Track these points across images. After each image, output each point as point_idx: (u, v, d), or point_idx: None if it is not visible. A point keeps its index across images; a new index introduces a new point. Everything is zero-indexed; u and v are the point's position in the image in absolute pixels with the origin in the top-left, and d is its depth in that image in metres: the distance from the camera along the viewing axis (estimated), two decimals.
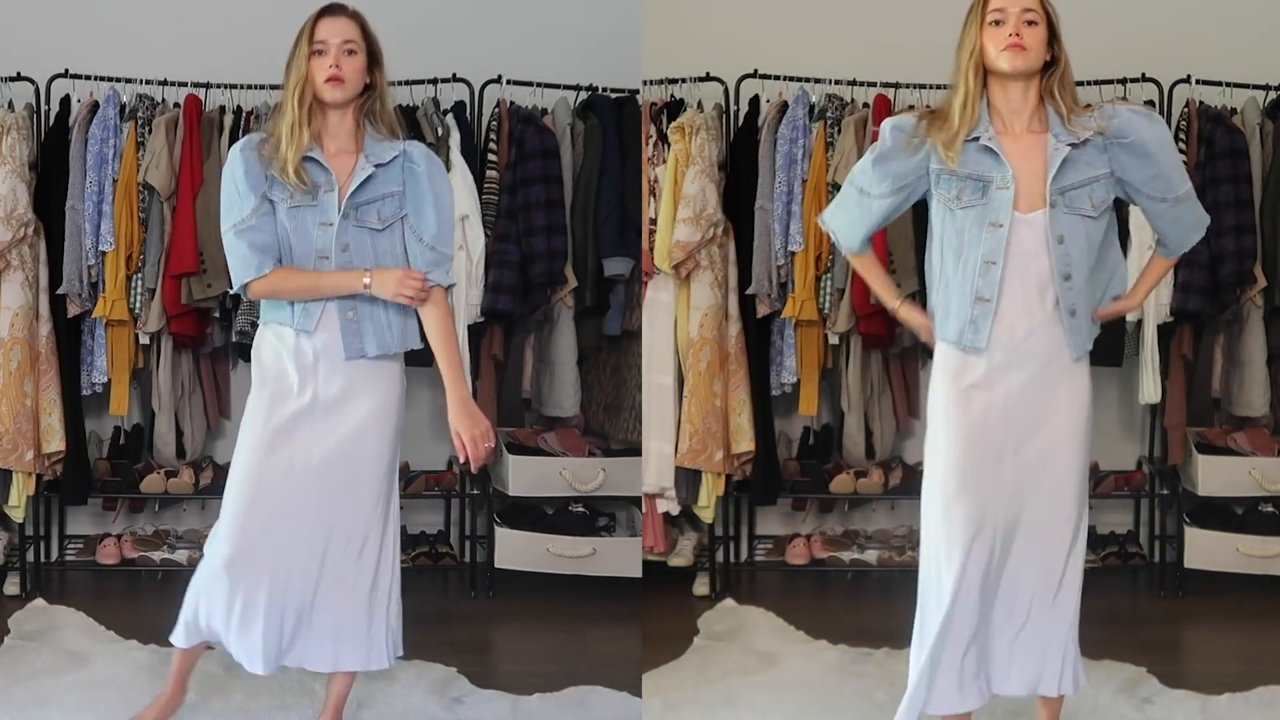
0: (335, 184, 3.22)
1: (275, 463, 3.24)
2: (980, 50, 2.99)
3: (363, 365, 3.26)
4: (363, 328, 3.25)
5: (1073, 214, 3.01)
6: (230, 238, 3.21)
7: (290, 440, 3.25)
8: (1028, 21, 2.97)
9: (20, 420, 4.61)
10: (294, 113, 3.18)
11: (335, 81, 3.18)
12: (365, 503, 3.30)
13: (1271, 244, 4.75)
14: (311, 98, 3.19)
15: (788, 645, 4.26)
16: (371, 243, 3.24)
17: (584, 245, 4.88)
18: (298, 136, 3.18)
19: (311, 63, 3.18)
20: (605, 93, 5.00)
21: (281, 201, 3.20)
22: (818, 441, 5.21)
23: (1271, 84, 4.88)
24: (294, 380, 3.24)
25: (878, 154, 3.11)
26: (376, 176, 3.24)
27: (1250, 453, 4.82)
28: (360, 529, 3.31)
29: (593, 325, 5.01)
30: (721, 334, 4.78)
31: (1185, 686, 3.87)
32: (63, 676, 3.91)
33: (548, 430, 5.03)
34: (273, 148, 3.21)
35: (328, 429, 3.26)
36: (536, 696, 3.85)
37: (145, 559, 4.92)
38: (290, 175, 3.18)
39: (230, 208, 3.22)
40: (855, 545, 5.09)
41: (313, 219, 3.22)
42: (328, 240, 3.21)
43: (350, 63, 3.20)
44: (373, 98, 3.26)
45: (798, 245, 4.74)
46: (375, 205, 3.24)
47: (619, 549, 4.87)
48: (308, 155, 3.20)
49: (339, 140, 3.25)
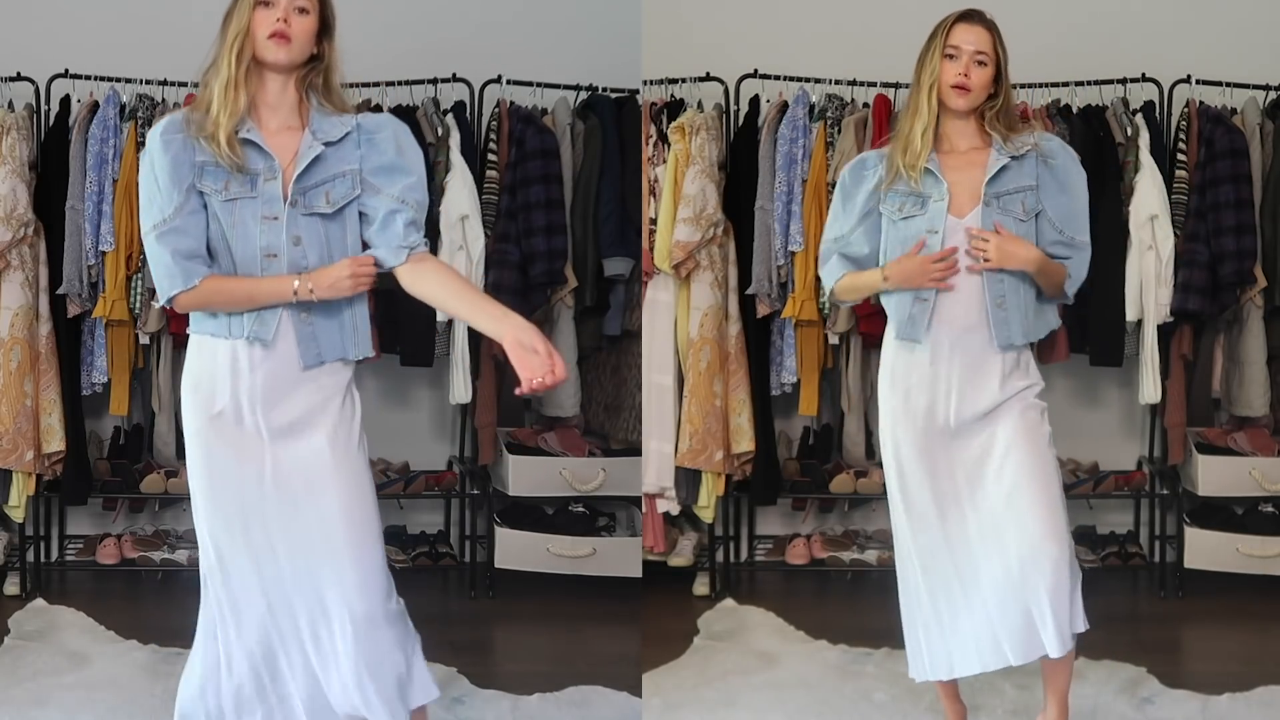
0: (278, 170, 2.79)
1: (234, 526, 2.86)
2: (940, 79, 3.19)
3: (315, 379, 2.86)
4: (318, 330, 2.85)
5: (1004, 215, 3.19)
6: (151, 242, 2.77)
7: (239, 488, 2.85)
8: (978, 61, 3.17)
9: (20, 420, 4.61)
10: (229, 70, 2.76)
11: (280, 39, 2.77)
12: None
13: (1271, 244, 4.75)
14: (251, 56, 2.78)
15: (788, 645, 4.26)
16: (323, 231, 2.82)
17: (584, 245, 4.88)
18: (232, 98, 2.75)
19: (255, 14, 2.77)
20: (605, 93, 5.00)
21: (215, 194, 2.77)
22: (818, 441, 5.21)
23: (1271, 84, 4.87)
24: (232, 405, 2.83)
25: (842, 196, 3.32)
26: (326, 157, 2.83)
27: (1250, 453, 4.82)
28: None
29: (593, 325, 5.01)
30: (721, 334, 4.78)
31: (1185, 686, 3.87)
32: (63, 676, 3.92)
33: (548, 430, 5.03)
34: (200, 117, 2.77)
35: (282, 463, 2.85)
36: (536, 696, 3.85)
37: (145, 559, 4.92)
38: (222, 145, 2.74)
39: (150, 204, 2.78)
40: (855, 545, 5.08)
41: (253, 213, 2.78)
42: (275, 236, 2.79)
43: (300, 23, 2.79)
44: (318, 69, 2.86)
45: (798, 245, 4.74)
46: (324, 187, 2.82)
47: (619, 549, 4.87)
48: (244, 136, 2.78)
49: (280, 114, 2.84)
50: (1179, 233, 4.71)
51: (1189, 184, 4.74)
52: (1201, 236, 4.70)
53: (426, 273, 2.86)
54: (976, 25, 3.19)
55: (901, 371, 3.27)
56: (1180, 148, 4.77)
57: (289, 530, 2.84)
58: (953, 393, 3.20)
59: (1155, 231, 4.67)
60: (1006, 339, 3.20)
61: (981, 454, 3.21)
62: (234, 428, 2.83)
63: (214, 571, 2.90)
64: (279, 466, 2.84)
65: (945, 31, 3.20)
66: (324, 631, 2.86)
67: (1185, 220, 4.73)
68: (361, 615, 2.82)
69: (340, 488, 2.84)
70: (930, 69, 3.19)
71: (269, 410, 2.82)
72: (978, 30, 3.18)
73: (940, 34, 3.20)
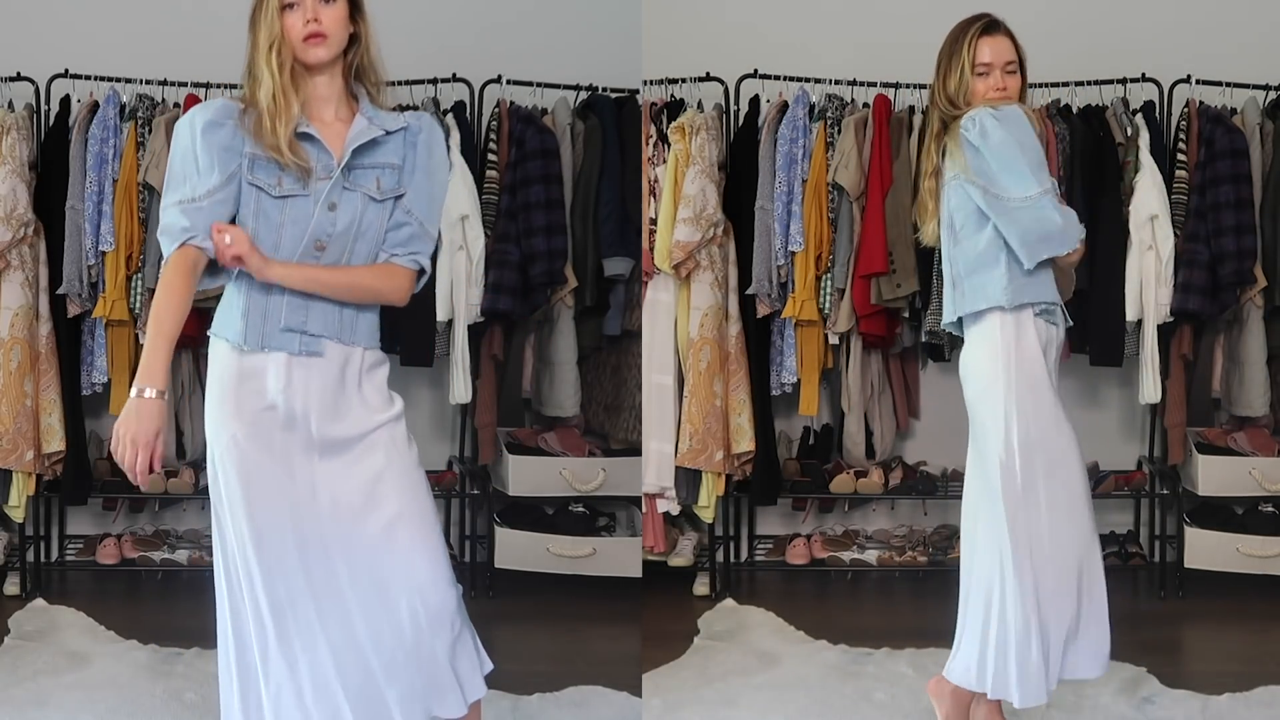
0: (334, 168, 2.71)
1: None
2: (972, 94, 3.25)
3: (360, 391, 2.78)
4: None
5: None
6: (172, 212, 2.67)
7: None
8: (1009, 71, 3.25)
9: (20, 420, 4.61)
10: (274, 79, 2.64)
11: (316, 39, 2.66)
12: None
13: (1271, 244, 4.75)
14: (291, 59, 2.66)
15: (788, 645, 4.26)
16: (360, 208, 2.73)
17: (584, 245, 4.88)
18: (284, 106, 2.64)
19: (284, 19, 2.66)
20: (605, 93, 5.00)
21: (269, 188, 2.68)
22: (818, 441, 5.21)
23: (1271, 84, 4.87)
24: (285, 404, 2.74)
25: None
26: (381, 143, 2.76)
27: (1250, 453, 4.82)
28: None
29: (593, 325, 5.01)
30: (721, 334, 4.78)
31: (1185, 686, 3.86)
32: (63, 676, 3.91)
33: (548, 430, 5.03)
34: (253, 123, 2.67)
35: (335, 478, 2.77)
36: (536, 696, 3.85)
37: (145, 559, 4.93)
38: (287, 156, 2.65)
39: (182, 180, 2.67)
40: (855, 545, 5.09)
41: (305, 210, 2.70)
42: (328, 223, 2.71)
43: (330, 12, 2.67)
44: (359, 50, 2.75)
45: (798, 245, 4.74)
46: (375, 172, 2.75)
47: (619, 549, 4.87)
48: (302, 130, 2.69)
49: (331, 106, 2.74)
50: (1179, 233, 4.71)
51: (1189, 184, 4.74)
52: (1201, 236, 4.70)
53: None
54: (1000, 36, 3.24)
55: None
56: (1180, 148, 4.77)
57: (350, 551, 2.74)
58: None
59: (1155, 231, 4.67)
60: (951, 312, 3.31)
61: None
62: (283, 433, 2.73)
63: (264, 627, 2.73)
64: (333, 484, 2.75)
65: (971, 49, 3.21)
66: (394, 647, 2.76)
67: (1185, 220, 4.73)
68: (437, 605, 2.76)
69: (403, 490, 2.78)
70: (961, 89, 3.23)
71: (323, 421, 2.74)
72: (1002, 42, 3.23)
73: (965, 51, 3.22)
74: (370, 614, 2.75)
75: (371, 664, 2.76)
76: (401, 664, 2.75)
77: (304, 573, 2.73)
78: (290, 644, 2.74)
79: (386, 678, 2.76)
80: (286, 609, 2.74)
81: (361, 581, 2.75)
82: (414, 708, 2.77)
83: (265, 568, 2.73)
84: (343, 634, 2.75)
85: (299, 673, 2.75)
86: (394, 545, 2.75)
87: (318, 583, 2.74)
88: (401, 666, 2.75)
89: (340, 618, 2.75)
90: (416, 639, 2.76)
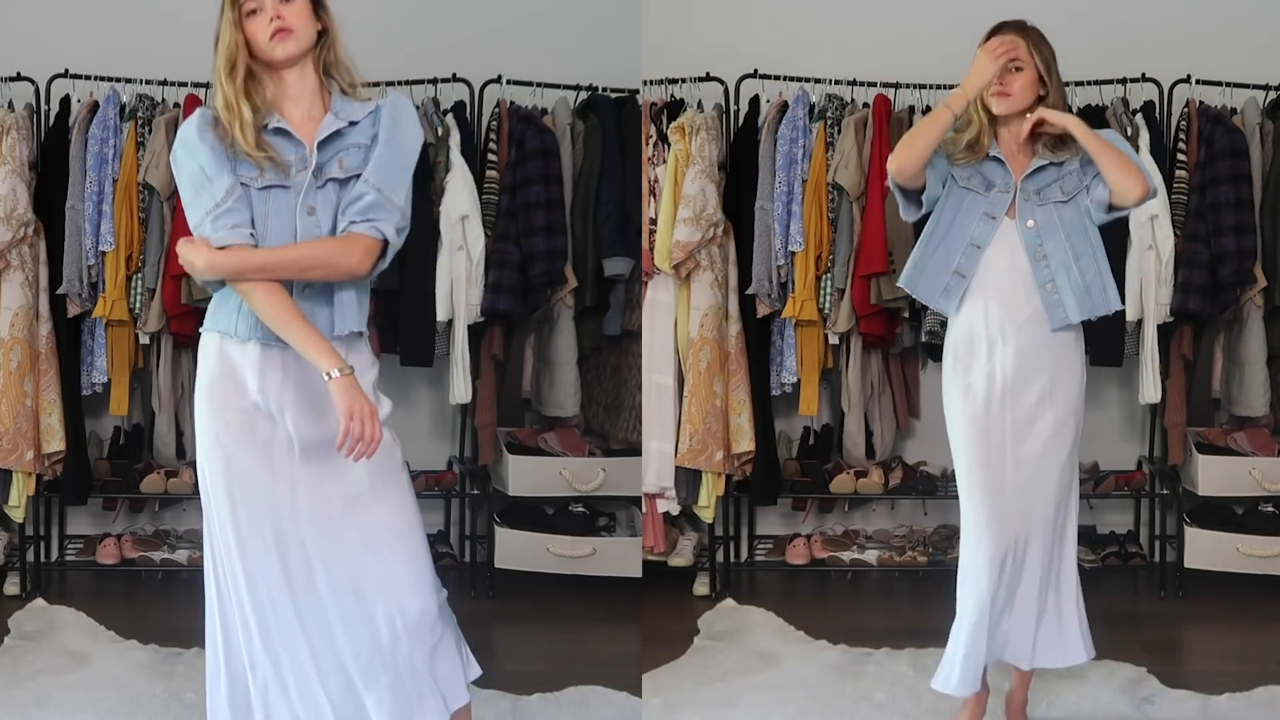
0: (309, 160, 2.77)
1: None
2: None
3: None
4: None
5: (1045, 204, 3.37)
6: (206, 229, 2.72)
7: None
8: (1015, 68, 3.34)
9: (20, 420, 4.61)
10: (223, 89, 2.73)
11: (283, 34, 2.73)
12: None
13: (1271, 244, 4.75)
14: (245, 70, 2.73)
15: (788, 645, 4.25)
16: (336, 198, 2.76)
17: (584, 245, 4.88)
18: (238, 112, 2.71)
19: (247, 25, 2.74)
20: (605, 93, 5.00)
21: (251, 181, 2.73)
22: (818, 441, 5.21)
23: (1271, 84, 4.87)
24: (263, 401, 2.78)
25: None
26: (345, 133, 2.79)
27: (1250, 453, 4.82)
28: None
29: (593, 325, 5.01)
30: (721, 334, 4.78)
31: (1185, 686, 3.87)
32: (63, 676, 3.92)
33: (548, 430, 5.03)
34: (223, 130, 2.75)
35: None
36: (536, 696, 3.85)
37: (145, 559, 4.93)
38: (254, 152, 2.72)
39: (198, 195, 2.73)
40: (855, 545, 5.09)
41: (287, 203, 2.75)
42: (310, 228, 2.76)
43: (292, 9, 2.74)
44: (327, 43, 2.81)
45: (798, 245, 4.74)
46: (338, 155, 2.78)
47: (619, 549, 4.87)
48: (275, 126, 2.76)
49: (303, 104, 2.80)
50: (1179, 233, 4.71)
51: (1189, 184, 4.74)
52: (1201, 236, 4.70)
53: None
54: (1005, 34, 3.35)
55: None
56: (1180, 148, 4.77)
57: (329, 555, 2.77)
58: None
59: (1155, 231, 4.67)
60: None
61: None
62: (267, 425, 2.76)
63: (249, 625, 2.79)
64: (313, 486, 2.77)
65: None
66: (375, 659, 2.80)
67: (1185, 220, 4.73)
68: (416, 614, 2.78)
69: (384, 495, 2.80)
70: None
71: (300, 419, 2.76)
72: (1009, 38, 3.34)
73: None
74: (348, 620, 2.78)
75: (349, 668, 2.80)
76: (379, 671, 2.79)
77: (283, 573, 2.77)
78: (273, 643, 2.79)
79: (364, 683, 2.80)
80: (268, 608, 2.78)
81: (340, 587, 2.78)
82: (391, 714, 2.79)
83: (247, 566, 2.77)
84: (321, 637, 2.79)
85: (283, 671, 2.79)
86: (373, 553, 2.78)
87: (297, 584, 2.78)
88: (379, 673, 2.78)
89: (318, 620, 2.78)
90: (394, 647, 2.79)
